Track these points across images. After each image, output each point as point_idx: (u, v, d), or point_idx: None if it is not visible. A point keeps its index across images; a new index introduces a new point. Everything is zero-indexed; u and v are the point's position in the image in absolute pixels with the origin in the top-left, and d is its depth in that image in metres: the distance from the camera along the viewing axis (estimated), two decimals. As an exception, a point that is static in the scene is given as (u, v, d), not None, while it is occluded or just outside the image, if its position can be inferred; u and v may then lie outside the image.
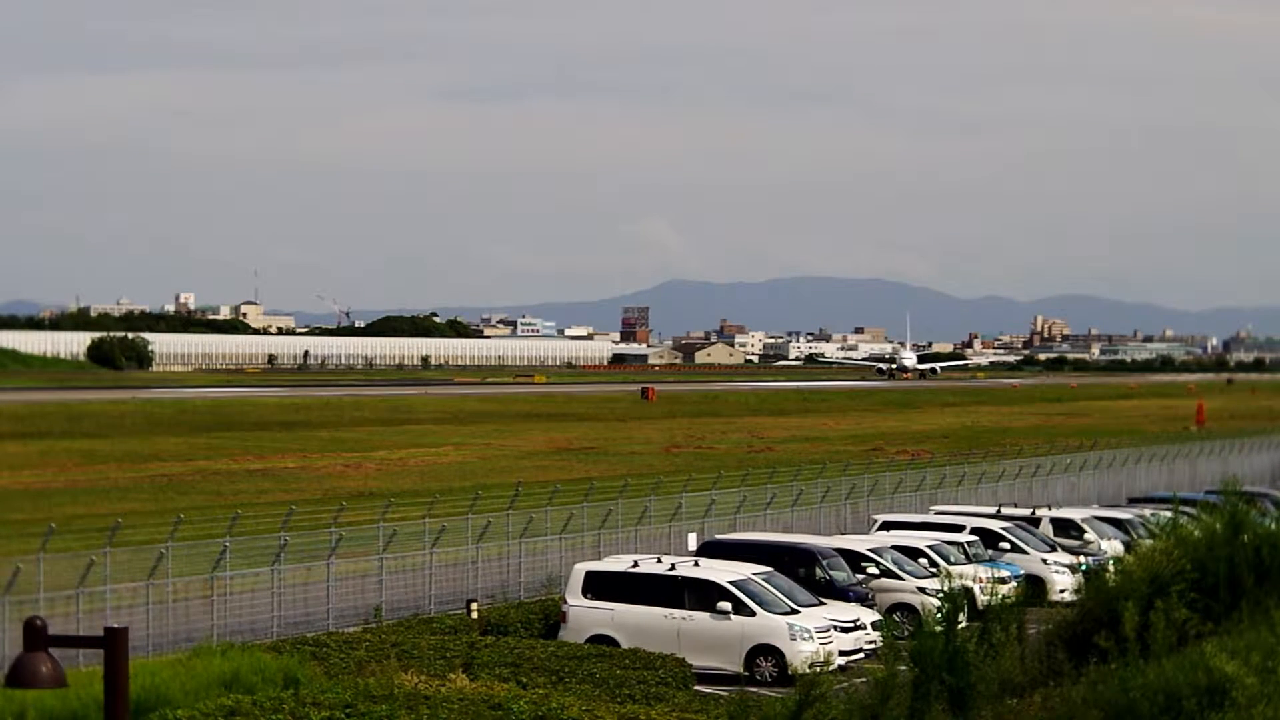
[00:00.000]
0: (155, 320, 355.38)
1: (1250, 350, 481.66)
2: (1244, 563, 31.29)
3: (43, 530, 36.52)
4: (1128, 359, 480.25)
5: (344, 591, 39.76)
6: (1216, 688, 23.04)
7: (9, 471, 75.47)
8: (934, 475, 62.77)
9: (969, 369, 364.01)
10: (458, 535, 43.05)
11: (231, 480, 74.40)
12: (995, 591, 29.98)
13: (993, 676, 25.86)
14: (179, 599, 36.39)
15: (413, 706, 25.57)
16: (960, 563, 44.21)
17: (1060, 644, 29.64)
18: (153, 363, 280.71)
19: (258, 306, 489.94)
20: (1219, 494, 38.06)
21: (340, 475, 77.56)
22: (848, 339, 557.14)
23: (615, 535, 46.88)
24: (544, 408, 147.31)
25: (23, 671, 12.86)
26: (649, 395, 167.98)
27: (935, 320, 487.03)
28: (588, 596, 37.79)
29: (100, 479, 74.15)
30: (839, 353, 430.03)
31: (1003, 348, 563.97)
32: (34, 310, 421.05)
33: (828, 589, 40.24)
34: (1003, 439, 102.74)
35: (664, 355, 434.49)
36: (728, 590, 36.91)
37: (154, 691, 25.71)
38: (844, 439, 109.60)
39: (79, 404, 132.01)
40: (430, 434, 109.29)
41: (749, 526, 50.30)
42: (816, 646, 35.39)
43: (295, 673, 28.39)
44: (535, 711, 25.63)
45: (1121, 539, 50.20)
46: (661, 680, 31.54)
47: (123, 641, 13.16)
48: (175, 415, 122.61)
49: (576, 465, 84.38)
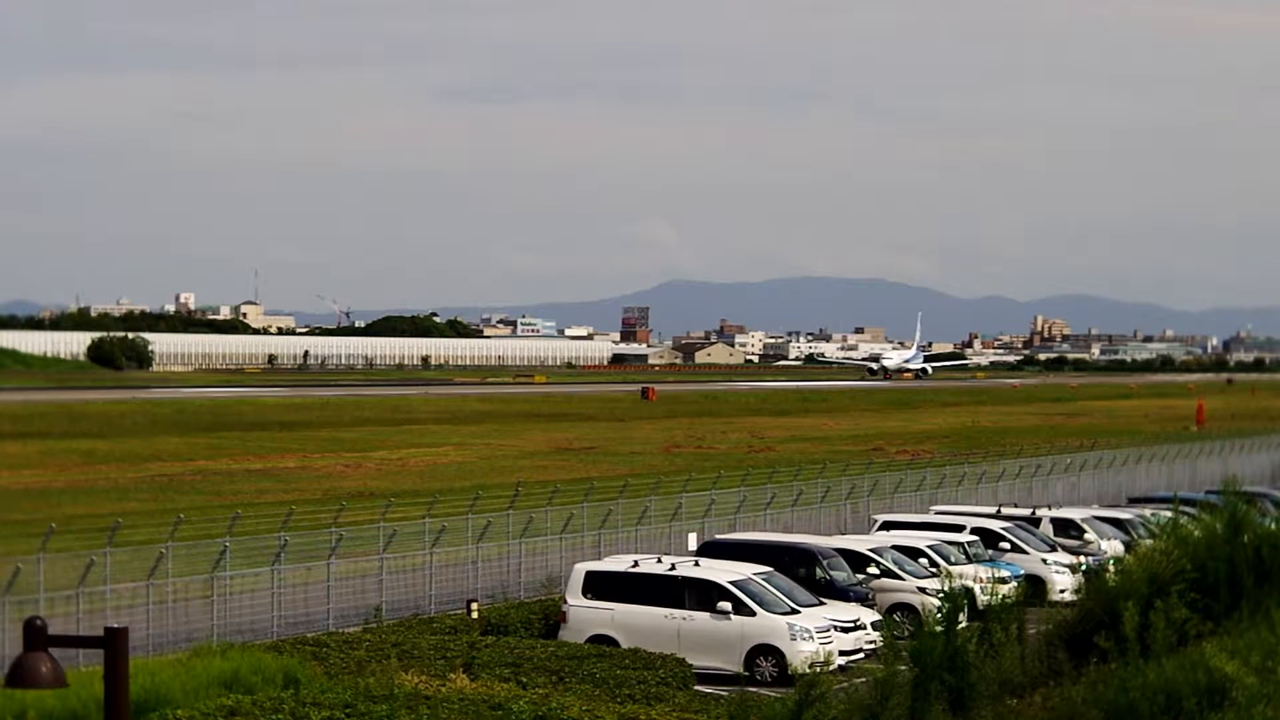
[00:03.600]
0: (155, 320, 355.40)
1: (1250, 350, 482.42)
2: (1244, 563, 31.28)
3: (43, 530, 36.53)
4: (1128, 359, 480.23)
5: (344, 591, 39.76)
6: (1216, 688, 23.04)
7: (9, 471, 75.47)
8: (934, 475, 62.76)
9: (969, 369, 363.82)
10: (458, 535, 43.05)
11: (231, 480, 74.40)
12: (995, 591, 29.95)
13: (993, 676, 25.86)
14: (179, 599, 36.39)
15: (413, 706, 25.57)
16: (960, 563, 44.20)
17: (1060, 644, 29.62)
18: (153, 363, 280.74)
19: (258, 306, 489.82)
20: (1219, 494, 38.08)
21: (340, 475, 77.56)
22: (848, 339, 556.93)
23: (615, 535, 46.89)
24: (544, 408, 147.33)
25: (23, 671, 12.86)
26: (649, 395, 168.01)
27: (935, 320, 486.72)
28: (588, 596, 37.79)
29: (100, 479, 74.15)
30: (839, 353, 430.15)
31: (1003, 348, 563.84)
32: (34, 310, 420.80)
33: (828, 589, 40.23)
34: (1003, 439, 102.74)
35: (664, 355, 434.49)
36: (728, 590, 36.91)
37: (154, 691, 25.72)
38: (844, 439, 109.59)
39: (79, 404, 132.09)
40: (430, 434, 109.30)
41: (749, 526, 50.30)
42: (816, 646, 35.40)
43: (295, 673, 28.40)
44: (535, 711, 25.64)
45: (1121, 539, 50.21)
46: (661, 680, 31.54)
47: (123, 641, 13.16)
48: (175, 415, 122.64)
49: (576, 465, 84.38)
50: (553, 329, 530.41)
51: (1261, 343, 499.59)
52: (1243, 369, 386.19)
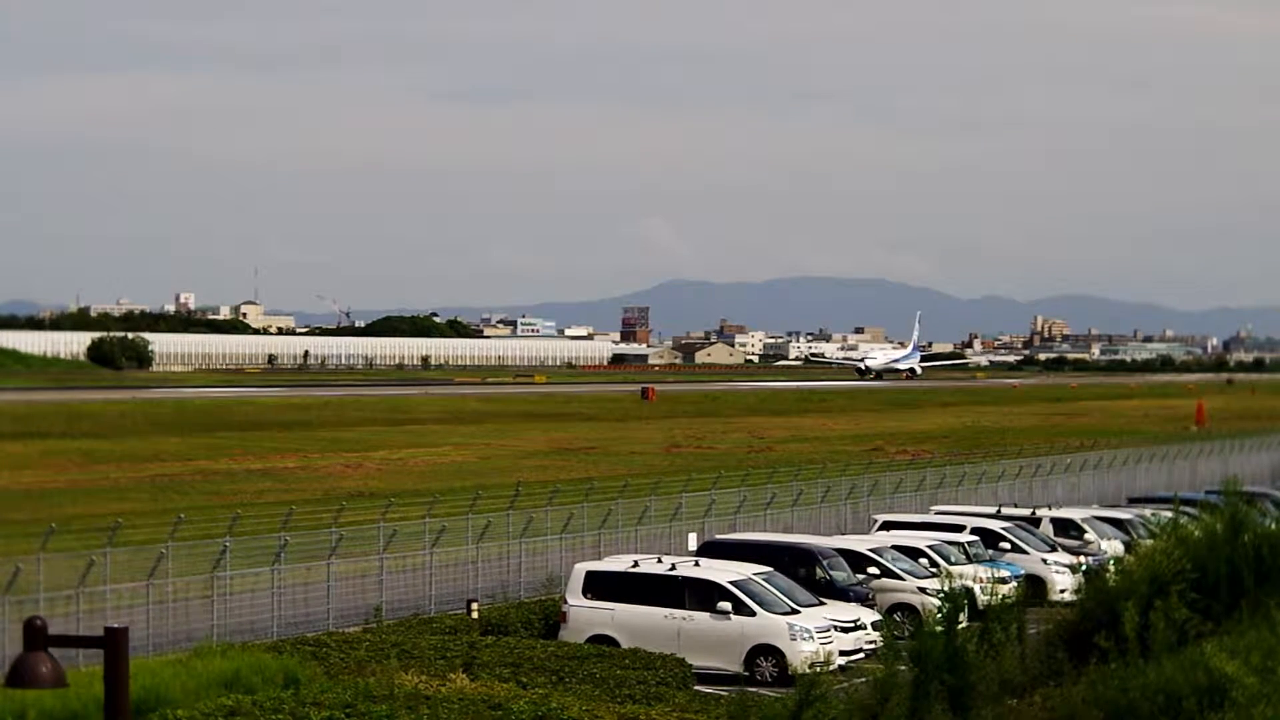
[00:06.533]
0: (155, 320, 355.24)
1: (1250, 350, 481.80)
2: (1244, 563, 31.27)
3: (43, 530, 36.54)
4: (1128, 359, 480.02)
5: (344, 591, 39.76)
6: (1216, 688, 23.04)
7: (9, 471, 75.45)
8: (934, 475, 62.76)
9: (969, 369, 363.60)
10: (458, 535, 43.06)
11: (231, 480, 74.38)
12: (995, 591, 29.92)
13: (993, 676, 25.83)
14: (179, 599, 36.39)
15: (413, 706, 25.57)
16: (960, 563, 44.20)
17: (1060, 644, 29.61)
18: (153, 363, 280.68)
19: (258, 306, 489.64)
20: (1219, 494, 38.05)
21: (340, 475, 77.54)
22: (848, 339, 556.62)
23: (615, 535, 46.89)
24: (544, 408, 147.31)
25: (23, 671, 12.86)
26: (649, 395, 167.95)
27: (935, 320, 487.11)
28: (588, 596, 37.80)
29: (100, 479, 74.13)
30: (839, 353, 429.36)
31: (1003, 348, 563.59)
32: (34, 310, 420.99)
33: (828, 589, 40.24)
34: (1003, 439, 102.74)
35: (664, 355, 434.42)
36: (728, 590, 36.92)
37: (154, 691, 25.72)
38: (844, 439, 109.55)
39: (79, 404, 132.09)
40: (430, 434, 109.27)
41: (749, 526, 50.29)
42: (816, 646, 35.41)
43: (295, 673, 28.40)
44: (535, 711, 25.63)
45: (1121, 539, 50.20)
46: (661, 680, 31.54)
47: (123, 641, 13.16)
48: (175, 415, 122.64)
49: (576, 465, 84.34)
50: (553, 329, 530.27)
51: (1261, 343, 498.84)
52: (1243, 369, 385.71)
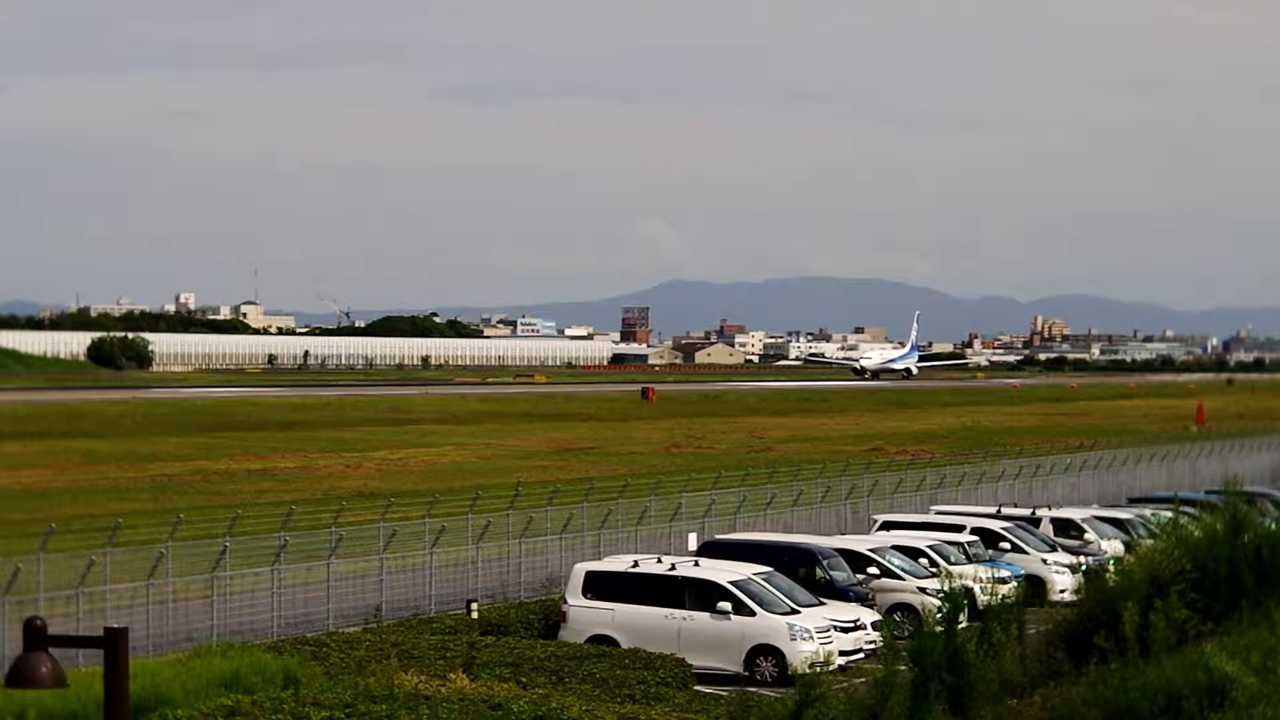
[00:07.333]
0: (155, 320, 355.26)
1: (1250, 350, 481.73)
2: (1244, 563, 31.31)
3: (43, 530, 36.53)
4: (1128, 359, 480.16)
5: (344, 591, 39.76)
6: (1216, 688, 23.05)
7: (9, 471, 75.44)
8: (934, 475, 62.76)
9: (969, 369, 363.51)
10: (458, 535, 43.05)
11: (231, 480, 74.38)
12: (995, 591, 29.95)
13: (993, 676, 25.84)
14: (179, 599, 36.39)
15: (413, 706, 25.55)
16: (960, 563, 44.17)
17: (1060, 644, 29.65)
18: (153, 363, 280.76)
19: (258, 306, 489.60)
20: (1219, 494, 38.09)
21: (340, 475, 77.54)
22: (848, 339, 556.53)
23: (615, 535, 46.89)
24: (544, 408, 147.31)
25: (23, 671, 12.86)
26: (649, 395, 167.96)
27: (935, 320, 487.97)
28: (588, 596, 37.79)
29: (100, 479, 74.12)
30: (839, 353, 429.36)
31: (1003, 348, 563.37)
32: (34, 310, 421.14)
33: (828, 589, 40.22)
34: (1003, 439, 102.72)
35: (664, 355, 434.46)
36: (728, 590, 36.91)
37: (154, 691, 25.70)
38: (844, 439, 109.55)
39: (79, 404, 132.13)
40: (430, 434, 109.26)
41: (749, 526, 50.29)
42: (816, 646, 35.39)
43: (295, 673, 28.38)
44: (535, 711, 25.62)
45: (1121, 539, 50.20)
46: (661, 680, 31.53)
47: (123, 641, 13.16)
48: (175, 415, 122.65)
49: (576, 465, 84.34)
50: (553, 329, 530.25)
51: (1261, 343, 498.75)
52: (1243, 369, 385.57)
